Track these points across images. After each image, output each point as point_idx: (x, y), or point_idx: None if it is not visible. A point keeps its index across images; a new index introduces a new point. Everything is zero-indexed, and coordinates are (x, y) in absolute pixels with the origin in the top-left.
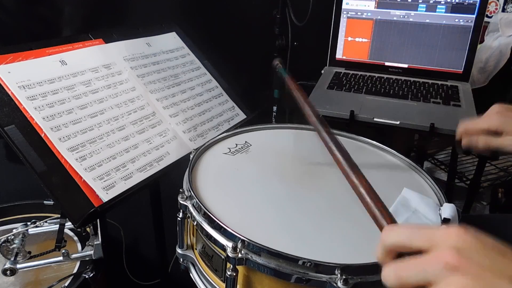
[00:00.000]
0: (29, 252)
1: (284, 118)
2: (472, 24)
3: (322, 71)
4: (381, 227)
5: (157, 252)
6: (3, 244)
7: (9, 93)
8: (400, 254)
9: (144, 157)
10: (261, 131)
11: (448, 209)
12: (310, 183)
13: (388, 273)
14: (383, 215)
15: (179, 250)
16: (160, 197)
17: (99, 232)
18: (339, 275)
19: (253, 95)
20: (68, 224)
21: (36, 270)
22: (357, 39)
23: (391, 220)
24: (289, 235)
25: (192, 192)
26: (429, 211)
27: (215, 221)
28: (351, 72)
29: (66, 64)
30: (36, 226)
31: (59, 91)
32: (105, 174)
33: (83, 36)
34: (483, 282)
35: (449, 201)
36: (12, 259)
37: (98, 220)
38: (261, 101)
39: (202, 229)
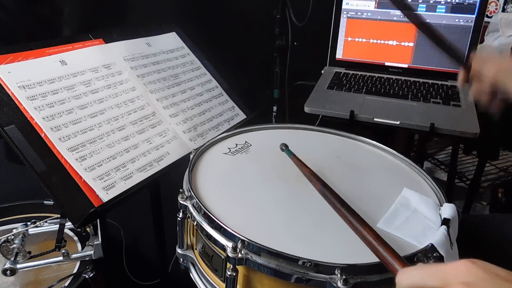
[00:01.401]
0: (29, 252)
1: (284, 118)
2: (472, 24)
3: (322, 71)
4: (394, 272)
5: (157, 252)
6: (3, 244)
7: (9, 93)
8: None
9: (144, 157)
10: (261, 131)
11: (448, 209)
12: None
13: None
14: (395, 260)
15: (179, 250)
16: (160, 197)
17: (99, 232)
18: (339, 275)
19: (253, 95)
20: (68, 224)
21: (36, 270)
22: (357, 39)
23: (403, 263)
24: (289, 235)
25: (192, 192)
26: (429, 211)
27: (215, 221)
28: (351, 72)
29: (66, 64)
30: (36, 226)
31: (59, 91)
32: (105, 174)
33: (83, 36)
34: None
35: (449, 201)
36: (12, 259)
37: (98, 220)
38: (261, 101)
39: (202, 229)
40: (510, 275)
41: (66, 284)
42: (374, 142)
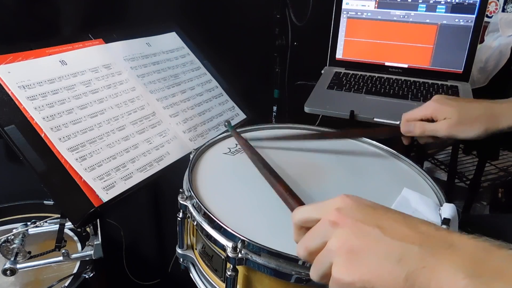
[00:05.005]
0: (29, 252)
1: (284, 118)
2: (472, 24)
3: (322, 71)
4: (292, 210)
5: (157, 252)
6: (3, 244)
7: (9, 93)
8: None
9: (144, 157)
10: (261, 131)
11: (448, 209)
12: (310, 182)
13: (299, 248)
14: (291, 199)
15: (179, 250)
16: (160, 197)
17: (99, 232)
18: None
19: (253, 95)
20: (68, 224)
21: (36, 270)
22: (357, 39)
23: (299, 202)
24: (289, 235)
25: (192, 192)
26: (429, 211)
27: (215, 221)
28: (351, 72)
29: (66, 64)
30: (36, 226)
31: (59, 91)
32: (105, 174)
33: (83, 36)
34: (356, 230)
35: (449, 201)
36: (12, 259)
37: (98, 220)
38: (261, 101)
39: (202, 229)
40: (375, 204)
41: (66, 284)
42: (374, 142)
